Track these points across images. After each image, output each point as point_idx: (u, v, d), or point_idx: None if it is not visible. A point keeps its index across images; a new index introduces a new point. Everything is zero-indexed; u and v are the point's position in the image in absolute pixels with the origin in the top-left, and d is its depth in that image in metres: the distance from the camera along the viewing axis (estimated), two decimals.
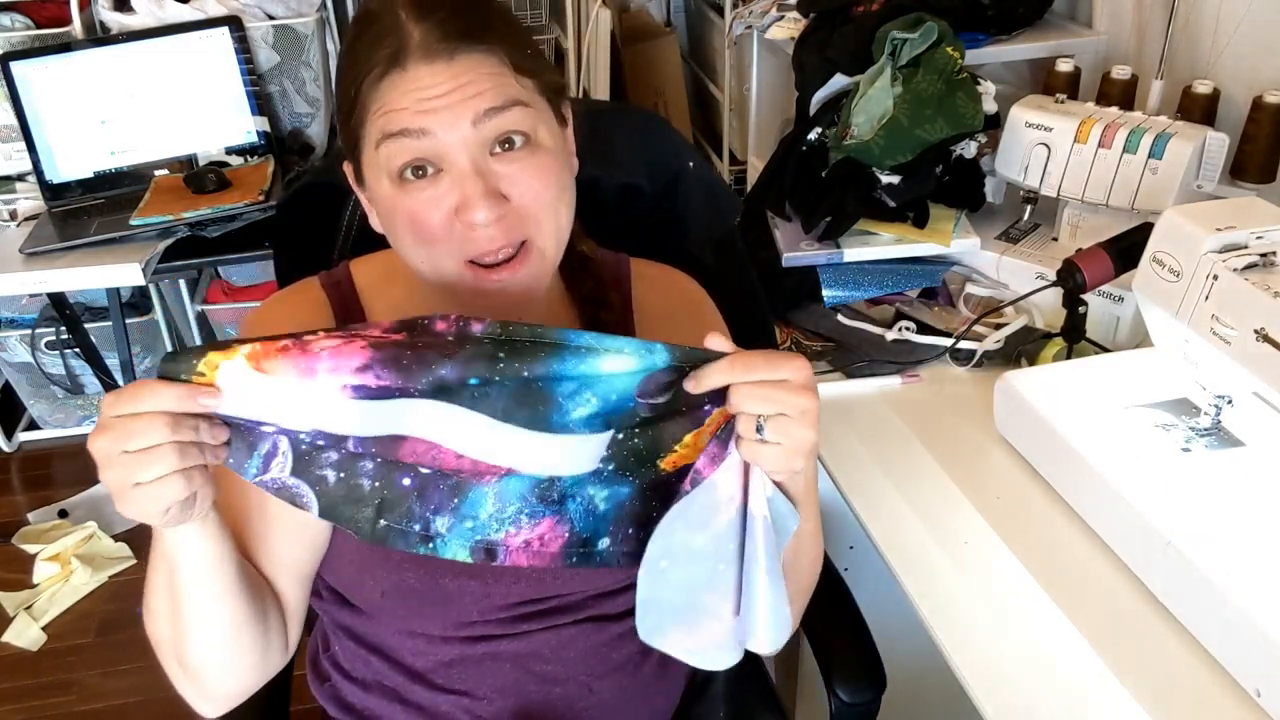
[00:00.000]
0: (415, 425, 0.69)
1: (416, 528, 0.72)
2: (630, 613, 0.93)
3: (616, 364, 0.68)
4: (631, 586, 0.93)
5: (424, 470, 0.71)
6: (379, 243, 0.86)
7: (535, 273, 0.80)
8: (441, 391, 0.68)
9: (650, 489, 0.75)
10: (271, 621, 0.81)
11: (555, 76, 0.83)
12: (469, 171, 0.75)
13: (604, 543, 0.76)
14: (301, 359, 0.65)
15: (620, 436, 0.72)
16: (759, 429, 0.67)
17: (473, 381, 0.67)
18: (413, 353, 0.66)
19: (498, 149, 0.77)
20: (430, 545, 0.72)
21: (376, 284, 0.90)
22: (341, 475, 0.69)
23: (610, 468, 0.73)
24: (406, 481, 0.71)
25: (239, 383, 0.65)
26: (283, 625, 0.84)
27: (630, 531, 0.76)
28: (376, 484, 0.70)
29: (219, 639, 0.77)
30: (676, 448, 0.73)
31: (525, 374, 0.68)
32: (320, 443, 0.69)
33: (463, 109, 0.74)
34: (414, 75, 0.74)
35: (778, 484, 0.72)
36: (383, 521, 0.71)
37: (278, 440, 0.68)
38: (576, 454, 0.72)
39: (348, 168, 0.84)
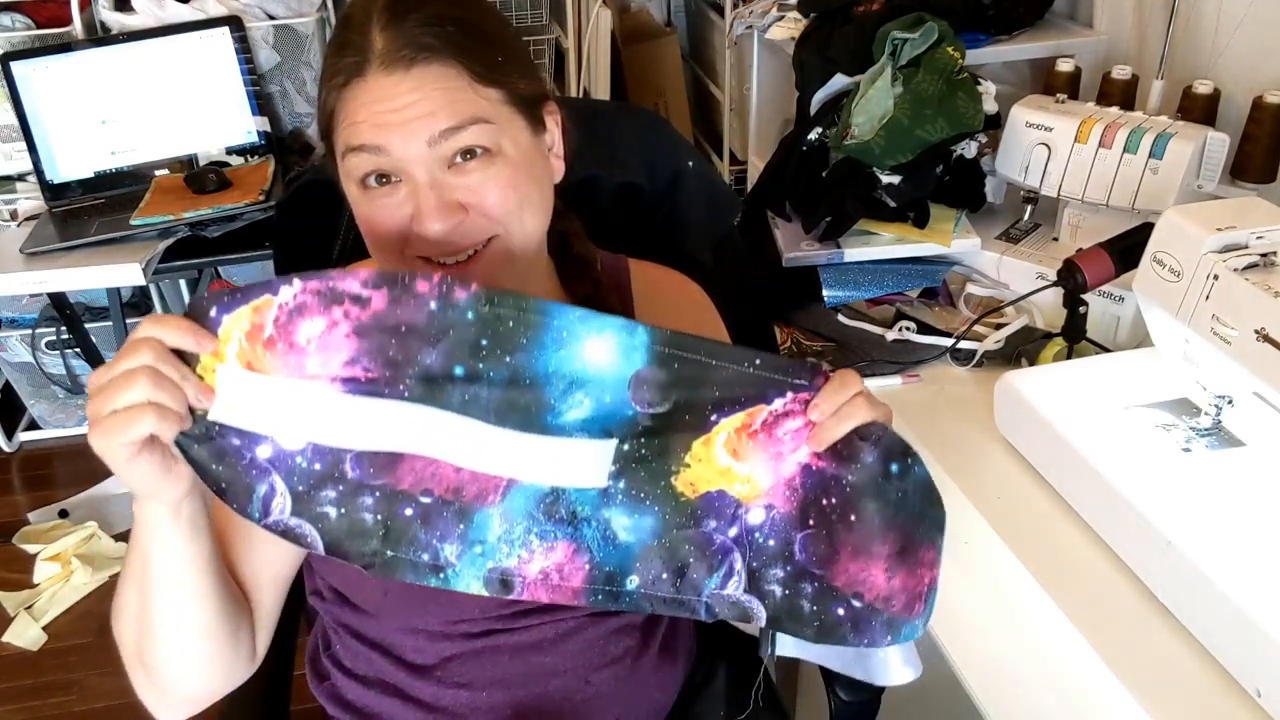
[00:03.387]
0: (410, 439, 0.68)
1: (425, 557, 0.70)
2: None
3: (598, 350, 0.68)
4: None
5: (424, 500, 0.70)
6: None
7: (499, 263, 0.80)
8: (429, 391, 0.67)
9: (676, 524, 0.72)
10: (243, 631, 0.81)
11: (530, 84, 0.81)
12: (424, 185, 0.76)
13: (632, 581, 0.73)
14: (289, 355, 0.66)
15: (626, 448, 0.71)
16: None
17: (458, 371, 0.67)
18: (397, 342, 0.66)
19: (458, 160, 0.77)
20: (441, 576, 0.71)
21: None
22: (342, 511, 0.69)
23: (620, 485, 0.71)
24: (409, 511, 0.70)
25: (235, 386, 0.65)
26: (252, 635, 0.83)
27: (664, 576, 0.73)
28: (379, 516, 0.70)
29: (186, 641, 0.76)
30: (687, 459, 0.71)
31: (508, 360, 0.67)
32: (317, 466, 0.68)
33: (418, 127, 0.74)
34: (373, 85, 0.75)
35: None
36: (390, 553, 0.70)
37: (273, 482, 0.68)
38: (578, 461, 0.70)
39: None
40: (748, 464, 0.72)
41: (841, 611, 0.72)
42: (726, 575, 0.73)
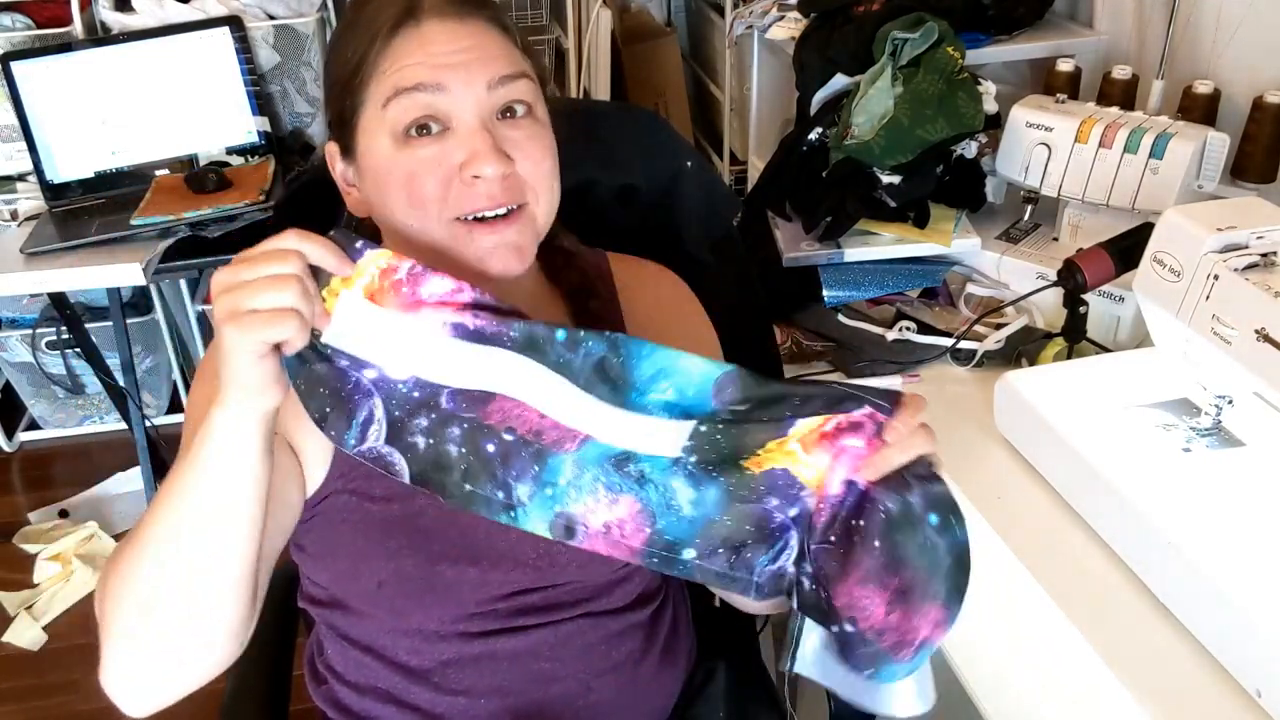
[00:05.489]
0: (504, 381, 0.72)
1: (500, 495, 0.73)
2: (627, 608, 0.93)
3: (686, 362, 0.72)
4: (627, 579, 0.93)
5: (507, 437, 0.73)
6: (378, 241, 0.86)
7: (525, 239, 0.81)
8: (530, 344, 0.71)
9: (740, 501, 0.74)
10: (253, 602, 0.75)
11: (544, 68, 0.85)
12: (478, 128, 0.77)
13: (689, 553, 0.75)
14: (411, 299, 0.70)
15: (703, 429, 0.73)
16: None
17: (560, 336, 0.71)
18: (504, 312, 0.72)
19: (502, 115, 0.79)
20: (512, 514, 0.73)
21: None
22: (430, 442, 0.72)
23: (693, 460, 0.74)
24: (491, 448, 0.73)
25: (353, 313, 0.69)
26: (253, 611, 0.76)
27: (720, 552, 0.75)
28: (463, 450, 0.72)
29: (216, 589, 0.70)
30: (760, 453, 0.74)
31: (604, 348, 0.72)
32: (415, 395, 0.71)
33: (479, 70, 0.77)
34: (428, 31, 0.77)
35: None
36: (468, 487, 0.73)
37: (373, 407, 0.71)
38: (654, 434, 0.73)
39: (332, 147, 0.85)
40: (813, 457, 0.74)
41: (834, 629, 0.74)
42: (782, 550, 0.75)
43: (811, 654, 0.77)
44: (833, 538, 0.73)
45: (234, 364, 0.65)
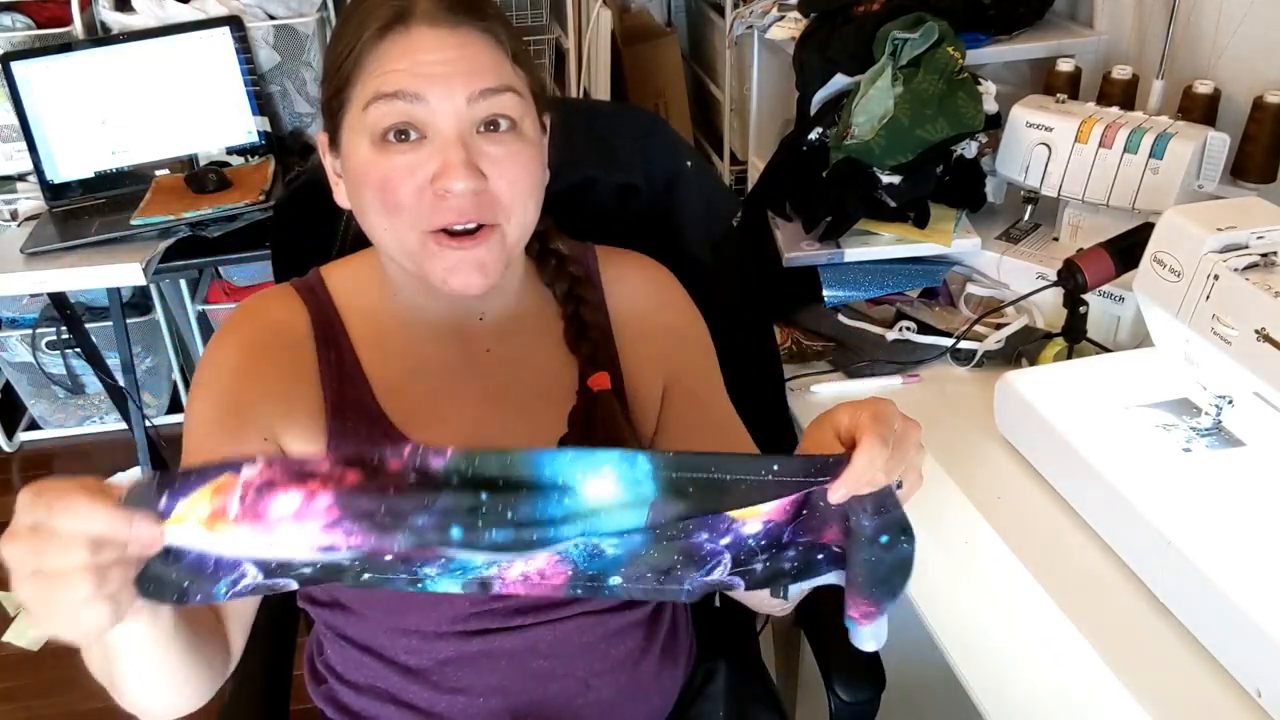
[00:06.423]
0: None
1: (403, 576, 0.66)
2: (625, 606, 0.93)
3: (603, 488, 0.62)
4: None
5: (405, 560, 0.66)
6: (365, 241, 0.86)
7: (495, 255, 0.80)
8: (421, 543, 0.62)
9: (666, 537, 0.68)
10: (217, 651, 0.78)
11: (544, 81, 0.84)
12: (454, 140, 0.76)
13: (615, 580, 0.69)
14: (258, 525, 0.59)
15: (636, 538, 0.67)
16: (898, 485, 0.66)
17: (455, 535, 0.61)
18: (385, 508, 0.60)
19: (484, 129, 0.78)
20: (419, 586, 0.67)
21: (349, 289, 0.91)
22: (317, 565, 0.64)
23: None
24: (388, 557, 0.64)
25: (193, 536, 0.59)
26: (226, 647, 0.79)
27: (648, 575, 0.69)
28: (356, 562, 0.64)
29: (159, 689, 0.73)
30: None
31: (510, 516, 0.61)
32: (288, 558, 0.63)
33: (460, 83, 0.76)
34: (416, 37, 0.76)
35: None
36: (367, 575, 0.65)
37: (245, 568, 0.62)
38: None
39: (323, 136, 0.85)
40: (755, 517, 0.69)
41: (821, 556, 0.72)
42: (712, 569, 0.71)
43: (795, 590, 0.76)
44: (804, 511, 0.69)
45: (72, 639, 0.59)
